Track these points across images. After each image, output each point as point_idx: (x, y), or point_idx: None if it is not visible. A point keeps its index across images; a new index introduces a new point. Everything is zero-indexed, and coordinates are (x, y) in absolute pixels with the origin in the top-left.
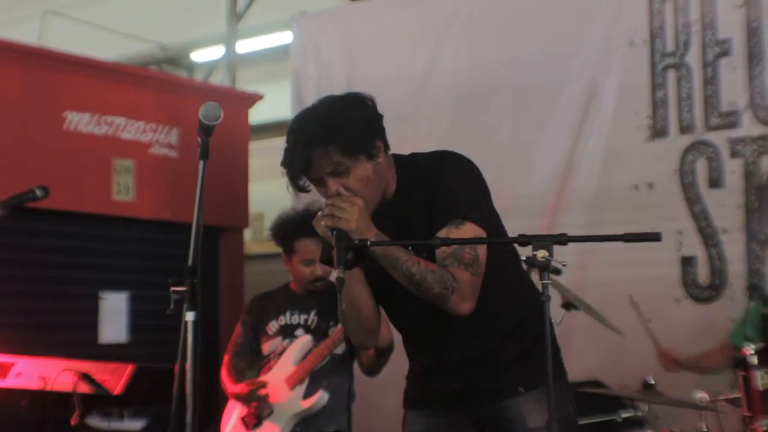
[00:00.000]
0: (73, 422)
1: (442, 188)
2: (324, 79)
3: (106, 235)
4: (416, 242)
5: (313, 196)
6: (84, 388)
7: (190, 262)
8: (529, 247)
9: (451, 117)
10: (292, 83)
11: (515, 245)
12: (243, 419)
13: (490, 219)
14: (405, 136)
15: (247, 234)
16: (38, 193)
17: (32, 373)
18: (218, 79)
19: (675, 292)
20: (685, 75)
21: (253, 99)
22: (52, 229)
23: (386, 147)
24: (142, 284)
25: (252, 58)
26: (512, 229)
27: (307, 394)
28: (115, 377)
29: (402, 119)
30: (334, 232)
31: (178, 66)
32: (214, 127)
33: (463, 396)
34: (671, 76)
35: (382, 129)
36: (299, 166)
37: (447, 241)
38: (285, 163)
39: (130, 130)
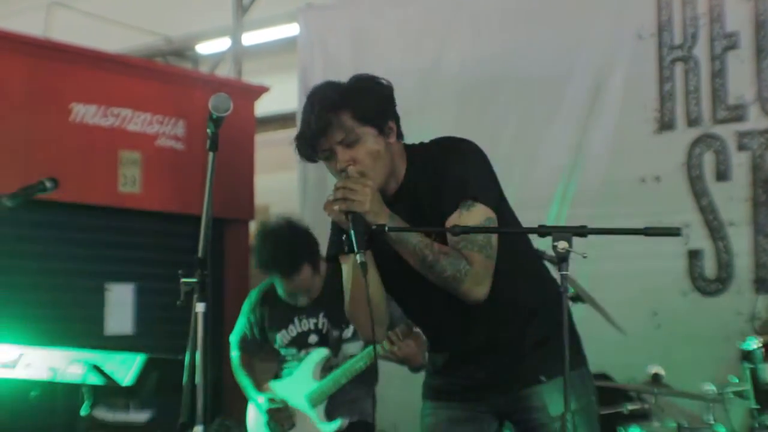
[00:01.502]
0: (82, 413)
1: (451, 172)
2: (331, 71)
3: (113, 226)
4: (435, 229)
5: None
6: (93, 378)
7: (200, 253)
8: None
9: (458, 110)
10: (299, 75)
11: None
12: (267, 424)
13: (499, 203)
14: (411, 130)
15: (253, 226)
16: (48, 185)
17: (41, 363)
18: (224, 72)
19: (681, 284)
20: (693, 68)
21: (259, 91)
22: (59, 220)
23: (399, 132)
24: (148, 276)
25: (258, 51)
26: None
27: (328, 415)
28: (125, 368)
29: (408, 112)
30: (350, 217)
31: (183, 58)
32: (224, 118)
33: (484, 386)
34: (679, 69)
35: (397, 114)
36: (312, 132)
37: (467, 229)
38: (299, 130)
39: (137, 122)
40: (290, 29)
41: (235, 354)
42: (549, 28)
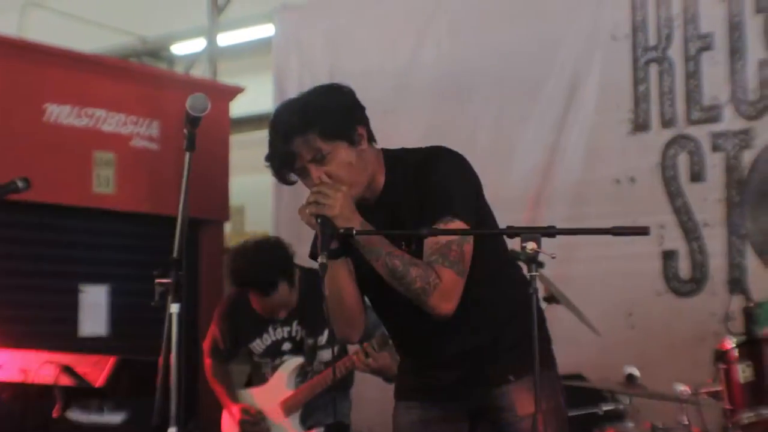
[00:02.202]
0: (54, 415)
1: (433, 185)
2: (306, 72)
3: (87, 227)
4: (403, 232)
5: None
6: (65, 380)
7: (175, 254)
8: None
9: (433, 110)
10: (274, 76)
11: (505, 237)
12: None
13: (482, 214)
14: (387, 130)
15: (228, 227)
16: (20, 184)
17: (13, 365)
18: (199, 72)
19: (656, 285)
20: (667, 69)
21: (234, 92)
22: (32, 221)
23: (370, 136)
24: (123, 277)
25: (233, 51)
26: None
27: (303, 422)
28: (97, 369)
29: (384, 113)
30: (319, 220)
31: (158, 59)
32: (201, 118)
33: (455, 387)
34: (653, 70)
35: (364, 117)
36: (281, 158)
37: (435, 232)
38: (268, 158)
39: (111, 122)
40: (266, 30)
41: (207, 361)
42: (525, 28)
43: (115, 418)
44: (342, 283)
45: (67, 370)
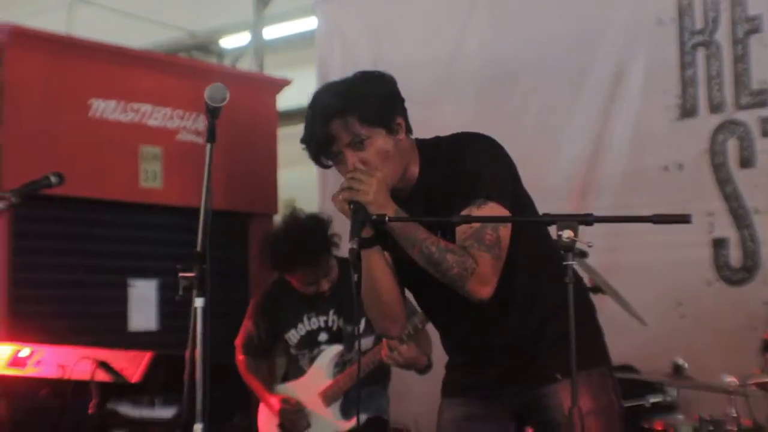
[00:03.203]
0: (90, 410)
1: (465, 169)
2: (349, 64)
3: (135, 222)
4: (436, 219)
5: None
6: (102, 376)
7: (198, 247)
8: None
9: (477, 100)
10: (317, 69)
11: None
12: (279, 426)
13: (518, 200)
14: (430, 120)
15: (278, 220)
16: (53, 179)
17: (51, 361)
18: (246, 66)
19: (706, 274)
20: (715, 53)
21: (280, 84)
22: (81, 217)
23: (408, 127)
24: (172, 271)
25: (280, 45)
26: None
27: (343, 413)
28: (134, 365)
29: (427, 103)
30: (351, 206)
31: (207, 52)
32: (220, 108)
33: (501, 384)
34: (700, 54)
35: (404, 108)
36: (318, 140)
37: (468, 219)
38: (304, 139)
39: (157, 116)
40: (311, 22)
41: (241, 358)
42: (568, 16)
43: (166, 412)
44: (377, 274)
45: (103, 365)
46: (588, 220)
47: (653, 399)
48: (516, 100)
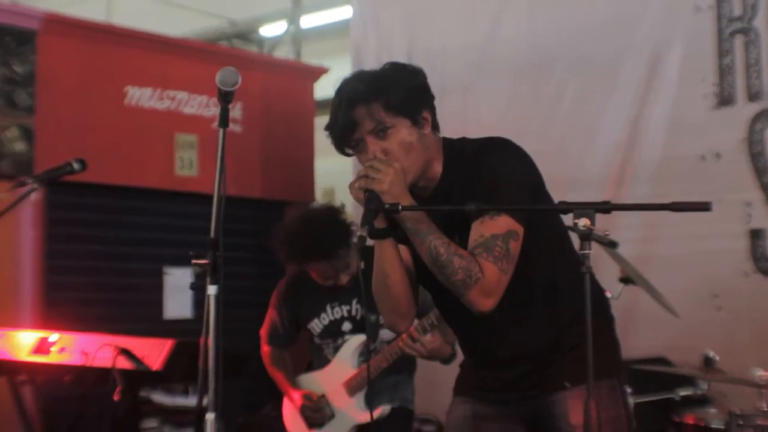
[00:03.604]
0: (115, 398)
1: (485, 178)
2: (384, 52)
3: (170, 210)
4: (449, 207)
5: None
6: (123, 363)
7: (212, 233)
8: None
9: (513, 86)
10: (352, 56)
11: (572, 237)
12: (305, 420)
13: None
14: (466, 107)
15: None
16: (75, 166)
17: (75, 348)
18: (283, 54)
19: (743, 265)
20: (753, 40)
21: (318, 72)
22: (116, 204)
23: (435, 123)
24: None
25: (317, 33)
26: None
27: (368, 402)
28: (156, 352)
29: (463, 90)
30: (366, 194)
31: (247, 41)
32: (233, 92)
33: (511, 389)
34: (738, 41)
35: (432, 104)
36: (342, 125)
37: (482, 207)
38: (328, 125)
39: (193, 104)
40: (347, 11)
41: (266, 349)
42: (605, 2)
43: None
44: (387, 267)
45: (125, 353)
46: (605, 207)
47: (683, 392)
48: (552, 87)
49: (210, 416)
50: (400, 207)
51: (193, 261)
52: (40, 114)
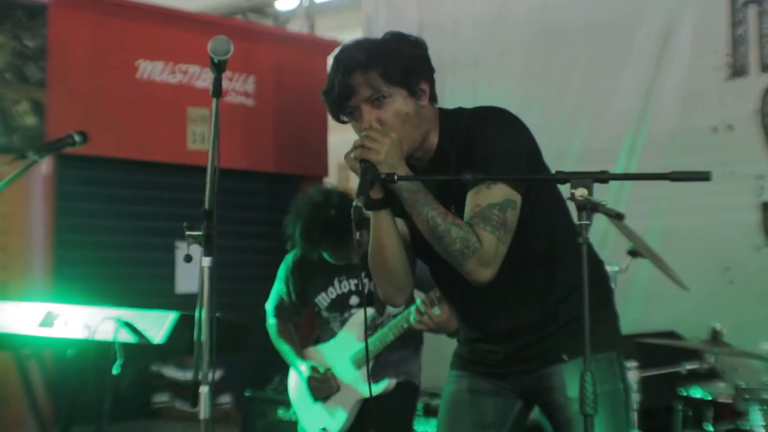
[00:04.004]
0: (113, 371)
1: (480, 147)
2: (395, 24)
3: (182, 184)
4: (444, 178)
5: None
6: (125, 336)
7: (206, 204)
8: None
9: (524, 58)
10: (364, 30)
11: (571, 210)
12: (310, 392)
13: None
14: (477, 79)
15: (333, 184)
16: (77, 138)
17: (79, 321)
18: (296, 28)
19: (755, 239)
20: (767, 10)
21: (331, 45)
22: (128, 178)
23: (432, 95)
24: (219, 233)
25: (330, 7)
26: None
27: (374, 376)
28: (157, 325)
29: (474, 62)
30: (362, 164)
31: (263, 15)
32: (225, 62)
33: (508, 363)
34: (752, 11)
35: (431, 75)
36: (338, 90)
37: (478, 177)
38: (325, 90)
39: (205, 78)
40: None
41: (272, 321)
42: None
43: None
44: (384, 239)
45: (127, 326)
46: (602, 177)
47: (690, 366)
48: (563, 59)
49: (203, 389)
50: (396, 177)
51: (187, 233)
52: (52, 88)
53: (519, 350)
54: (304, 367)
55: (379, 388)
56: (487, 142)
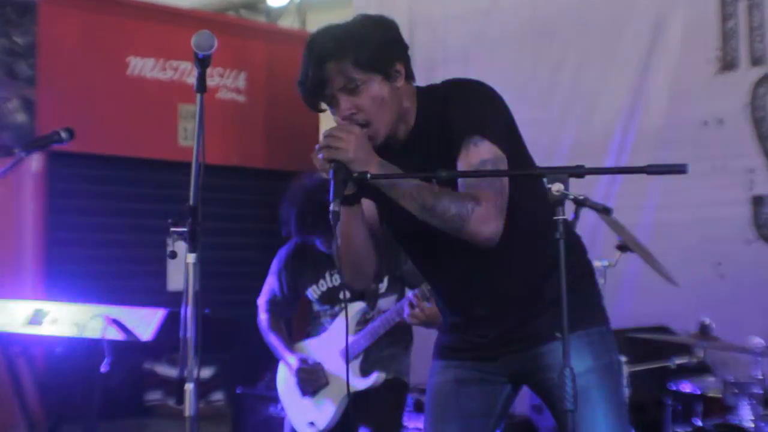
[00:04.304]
0: (102, 369)
1: (459, 113)
2: None
3: (173, 181)
4: (417, 175)
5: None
6: (113, 334)
7: (191, 201)
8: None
9: (514, 53)
10: None
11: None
12: (298, 384)
13: (516, 149)
14: (467, 73)
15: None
16: (63, 135)
17: (67, 319)
18: (288, 24)
19: (746, 233)
20: (757, 4)
21: None
22: (118, 175)
23: (409, 74)
24: (211, 230)
25: (321, 3)
26: None
27: (363, 371)
28: (146, 323)
29: (464, 58)
30: (332, 165)
31: (255, 11)
32: (209, 57)
33: (497, 344)
34: (742, 5)
35: (405, 54)
36: (312, 82)
37: (454, 174)
38: (299, 82)
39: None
40: None
41: (263, 316)
42: None
43: (205, 372)
44: (351, 231)
45: (116, 323)
46: (579, 171)
47: (679, 360)
48: (553, 54)
49: (188, 386)
50: (368, 176)
51: (171, 229)
52: (42, 85)
53: (510, 331)
54: (293, 360)
55: (368, 382)
56: (466, 105)
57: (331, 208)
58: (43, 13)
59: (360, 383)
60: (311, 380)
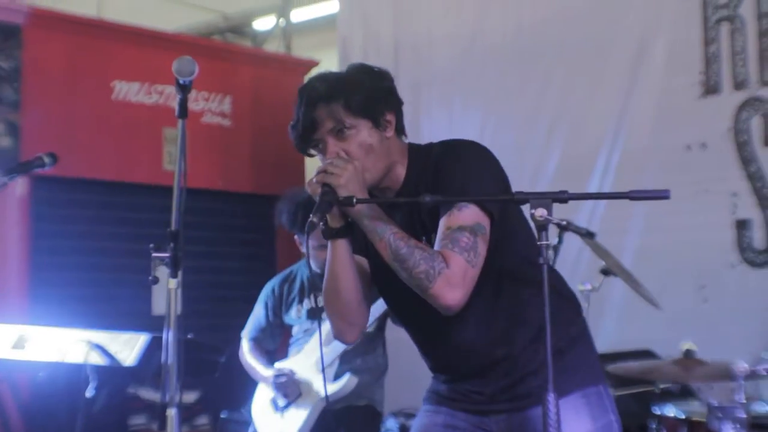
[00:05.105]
0: (87, 394)
1: (450, 178)
2: (371, 44)
3: (158, 205)
4: (405, 200)
5: None
6: (96, 359)
7: (172, 226)
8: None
9: (499, 76)
10: (339, 50)
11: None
12: (272, 401)
13: (509, 212)
14: (453, 97)
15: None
16: (46, 160)
17: (50, 344)
18: (273, 48)
19: (729, 256)
20: (739, 28)
21: (308, 65)
22: (103, 199)
23: (400, 127)
24: (196, 255)
25: (307, 27)
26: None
27: (336, 377)
28: (129, 348)
29: (449, 80)
30: (322, 187)
31: (241, 35)
32: (190, 83)
33: (490, 402)
34: (724, 29)
35: (397, 106)
36: (303, 124)
37: (438, 200)
38: (291, 124)
39: None
40: (337, 5)
41: (245, 345)
42: None
43: (189, 396)
44: (338, 269)
45: (98, 348)
46: (562, 197)
47: (663, 384)
48: (537, 77)
49: (171, 411)
50: (354, 200)
51: (153, 254)
52: (26, 109)
53: (502, 391)
54: (269, 373)
55: (338, 384)
56: (458, 171)
57: (310, 218)
58: (27, 36)
59: (331, 387)
60: (287, 385)
